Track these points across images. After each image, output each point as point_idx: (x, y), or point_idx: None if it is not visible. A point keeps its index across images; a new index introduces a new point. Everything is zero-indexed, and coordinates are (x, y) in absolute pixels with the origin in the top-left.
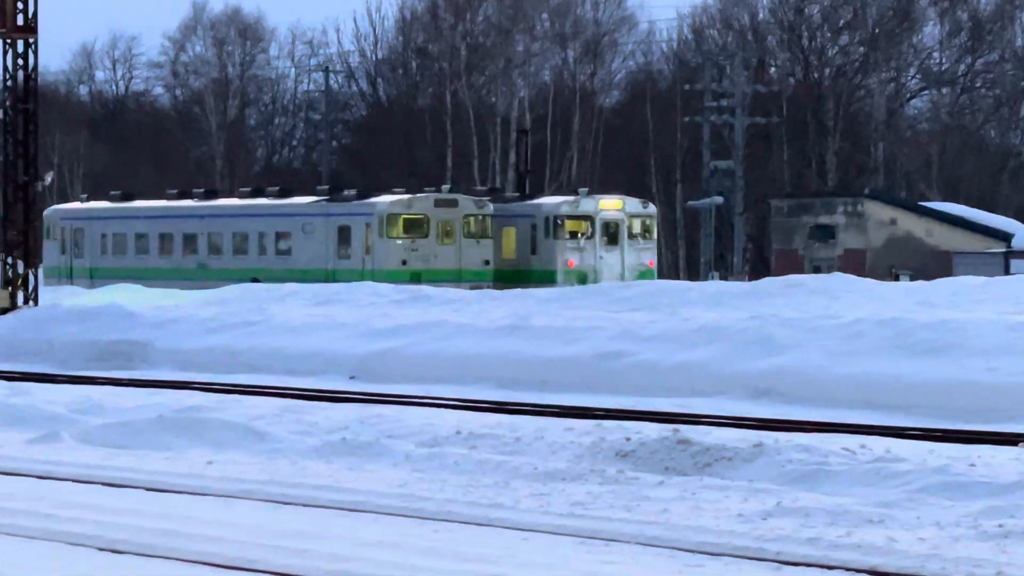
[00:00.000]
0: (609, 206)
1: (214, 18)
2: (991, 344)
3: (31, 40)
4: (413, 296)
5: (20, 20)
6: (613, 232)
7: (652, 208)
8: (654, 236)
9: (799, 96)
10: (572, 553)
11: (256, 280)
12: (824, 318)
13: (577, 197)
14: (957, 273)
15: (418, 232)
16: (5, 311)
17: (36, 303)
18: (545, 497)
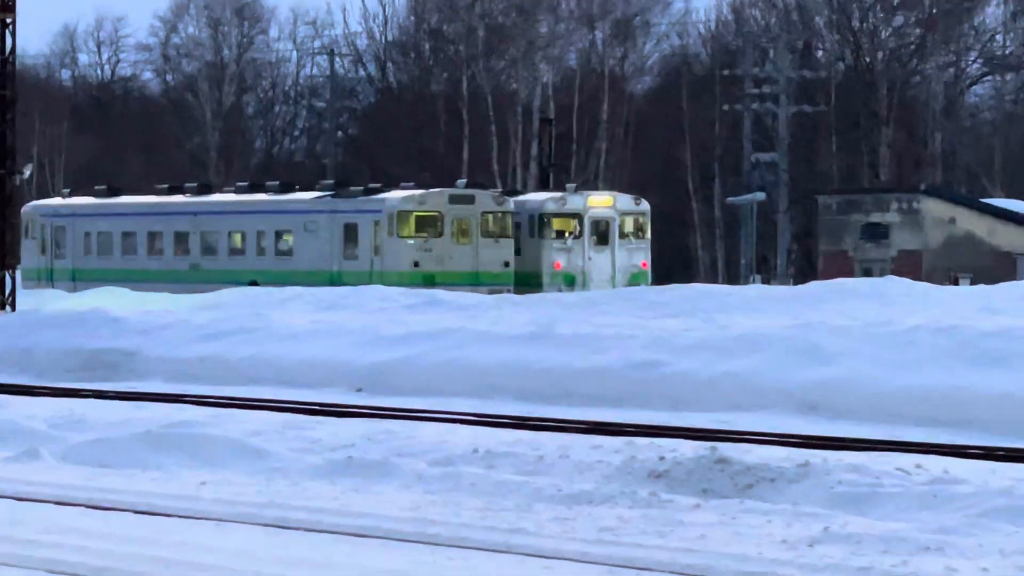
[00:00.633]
0: (598, 203)
1: None
2: None
3: (9, 20)
4: (426, 301)
5: None
6: (603, 231)
7: (645, 205)
8: (647, 235)
9: (849, 82)
10: None
11: (254, 283)
12: (876, 325)
13: (564, 193)
14: (1022, 276)
15: (431, 231)
16: None
17: (13, 308)
18: (570, 522)
